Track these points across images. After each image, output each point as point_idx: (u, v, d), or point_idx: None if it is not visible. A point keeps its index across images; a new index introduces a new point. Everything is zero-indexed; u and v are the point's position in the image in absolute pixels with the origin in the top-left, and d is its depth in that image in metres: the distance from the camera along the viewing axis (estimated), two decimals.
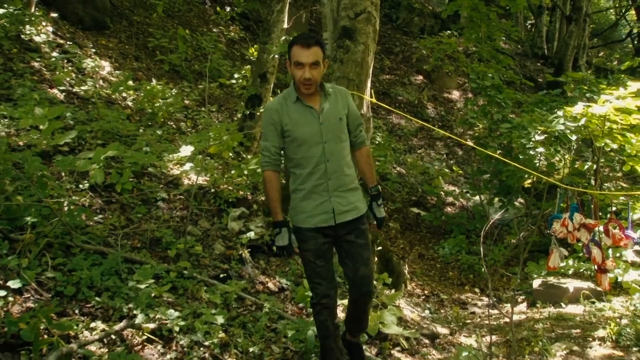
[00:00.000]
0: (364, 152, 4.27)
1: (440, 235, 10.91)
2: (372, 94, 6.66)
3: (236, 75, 11.90)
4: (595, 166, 8.92)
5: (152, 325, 4.46)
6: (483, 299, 8.73)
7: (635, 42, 21.24)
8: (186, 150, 7.09)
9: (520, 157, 9.25)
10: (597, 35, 23.27)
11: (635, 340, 6.03)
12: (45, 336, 3.97)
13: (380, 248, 7.85)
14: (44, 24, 9.23)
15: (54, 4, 10.06)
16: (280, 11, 9.74)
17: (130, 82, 9.09)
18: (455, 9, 12.13)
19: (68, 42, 9.49)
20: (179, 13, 13.32)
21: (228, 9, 14.35)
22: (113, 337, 4.31)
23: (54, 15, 9.87)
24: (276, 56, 9.67)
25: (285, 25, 10.04)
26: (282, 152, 4.08)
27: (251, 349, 4.54)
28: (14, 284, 4.37)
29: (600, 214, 6.84)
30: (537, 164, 9.46)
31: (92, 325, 4.31)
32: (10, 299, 4.28)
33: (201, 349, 4.43)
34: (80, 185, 6.06)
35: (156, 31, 11.86)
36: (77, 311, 4.46)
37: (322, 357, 4.23)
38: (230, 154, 7.57)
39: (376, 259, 7.68)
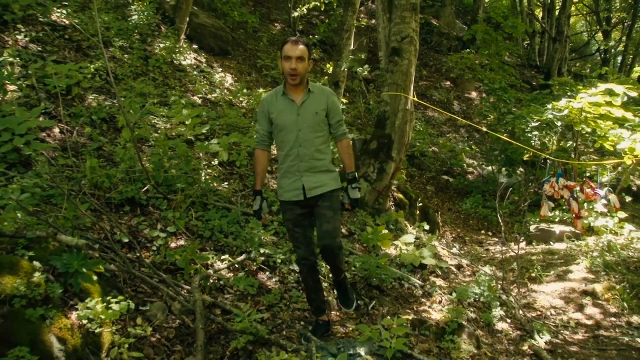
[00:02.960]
0: (344, 143, 3.60)
1: (463, 195, 10.74)
2: (414, 94, 6.53)
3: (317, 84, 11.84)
4: (574, 144, 8.81)
5: (262, 258, 4.53)
6: (494, 239, 8.59)
7: (602, 55, 20.94)
8: None
9: (521, 138, 9.09)
10: (574, 50, 23.07)
11: (603, 267, 6.05)
12: (192, 264, 4.08)
13: (420, 204, 7.75)
14: (188, 52, 9.37)
15: (195, 39, 10.20)
16: (348, 37, 9.59)
17: (245, 90, 9.17)
18: (473, 33, 12.59)
19: (203, 64, 9.62)
20: (278, 41, 13.28)
21: (311, 36, 14.22)
22: (236, 266, 4.39)
23: (195, 46, 10.00)
24: (345, 69, 9.55)
25: (352, 48, 9.88)
26: (271, 134, 3.59)
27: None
28: (171, 229, 4.51)
29: (578, 178, 6.77)
30: (533, 143, 9.21)
31: (222, 257, 4.40)
32: (169, 239, 4.42)
33: (296, 274, 4.46)
34: (212, 162, 6.17)
35: (262, 54, 11.89)
36: (212, 248, 4.56)
37: (308, 302, 3.82)
38: None
39: (418, 212, 7.59)
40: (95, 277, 3.21)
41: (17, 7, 6.60)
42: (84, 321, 2.96)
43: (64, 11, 7.44)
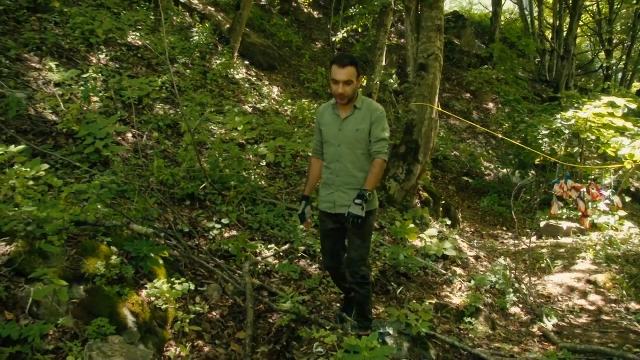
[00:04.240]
0: (376, 162, 2.97)
1: (481, 194, 10.50)
2: (438, 105, 6.43)
3: None
4: (580, 150, 8.64)
5: (303, 247, 4.52)
6: (508, 234, 8.39)
7: (604, 72, 20.65)
8: None
9: (533, 144, 8.92)
10: (580, 67, 22.62)
11: (605, 259, 5.99)
12: (243, 252, 4.11)
13: (443, 202, 7.65)
14: (240, 67, 9.46)
15: (246, 56, 10.29)
16: (380, 54, 9.52)
17: (289, 100, 9.20)
18: (490, 51, 12.95)
19: (254, 78, 9.70)
20: (318, 58, 13.27)
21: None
22: (281, 254, 4.40)
23: (246, 62, 10.09)
24: (377, 82, 9.46)
25: (383, 63, 9.80)
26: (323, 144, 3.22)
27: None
28: (225, 221, 4.55)
29: (583, 180, 6.70)
30: (543, 149, 8.99)
31: (269, 246, 4.41)
32: (223, 229, 4.47)
33: None
34: (261, 163, 6.20)
35: (305, 69, 11.90)
36: (260, 238, 4.58)
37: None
38: None
39: (441, 209, 7.46)
40: (161, 261, 3.28)
41: (100, 31, 6.84)
42: (152, 298, 3.02)
43: (138, 34, 7.63)
